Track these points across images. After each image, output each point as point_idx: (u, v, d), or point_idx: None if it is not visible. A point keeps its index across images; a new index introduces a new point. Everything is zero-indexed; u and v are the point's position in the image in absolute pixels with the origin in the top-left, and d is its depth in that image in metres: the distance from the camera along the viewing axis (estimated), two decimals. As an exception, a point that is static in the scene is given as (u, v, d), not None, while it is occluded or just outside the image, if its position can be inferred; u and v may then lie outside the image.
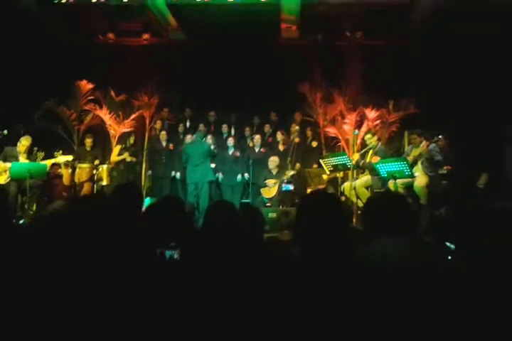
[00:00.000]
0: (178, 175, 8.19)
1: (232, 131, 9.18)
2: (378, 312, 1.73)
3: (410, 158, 6.47)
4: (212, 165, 8.17)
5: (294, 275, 1.84)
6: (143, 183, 8.75)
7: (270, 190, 7.81)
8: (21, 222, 6.09)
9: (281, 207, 7.34)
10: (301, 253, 2.02)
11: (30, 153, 7.09)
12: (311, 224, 1.96)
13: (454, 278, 2.04)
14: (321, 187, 7.67)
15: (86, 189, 7.75)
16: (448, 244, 3.61)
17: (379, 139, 7.36)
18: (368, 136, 7.13)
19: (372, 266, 1.94)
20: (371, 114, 8.14)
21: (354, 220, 6.46)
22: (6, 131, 6.82)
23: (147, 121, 9.07)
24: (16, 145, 6.91)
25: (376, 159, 6.62)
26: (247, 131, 9.00)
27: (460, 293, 1.92)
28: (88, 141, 8.21)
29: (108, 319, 1.92)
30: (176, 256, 2.49)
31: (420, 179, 6.31)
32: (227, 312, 1.83)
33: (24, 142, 6.87)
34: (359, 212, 6.43)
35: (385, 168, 6.15)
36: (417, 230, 2.49)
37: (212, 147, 7.85)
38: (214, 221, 2.50)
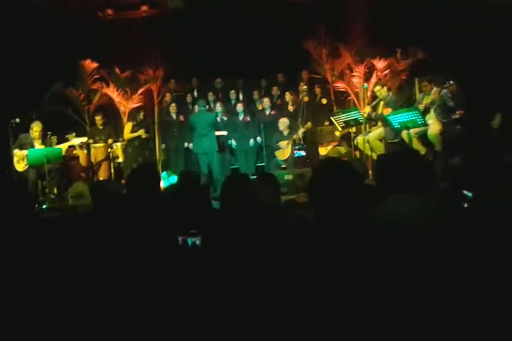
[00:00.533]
0: (191, 145, 8.23)
1: (241, 96, 9.10)
2: (393, 274, 1.74)
3: (422, 106, 6.36)
4: (224, 133, 8.17)
5: (309, 243, 1.85)
6: (157, 157, 8.82)
7: (284, 151, 7.80)
8: (44, 206, 6.27)
9: (296, 168, 7.34)
10: (315, 218, 2.02)
11: (44, 138, 7.16)
12: (324, 192, 1.96)
13: (470, 237, 2.03)
14: (334, 144, 7.63)
15: (103, 168, 7.87)
16: (465, 192, 3.57)
17: (389, 90, 7.22)
18: (377, 87, 7.03)
19: (386, 226, 1.93)
20: (379, 64, 7.96)
21: (370, 173, 6.44)
22: (18, 119, 6.89)
23: (155, 95, 9.06)
24: (29, 132, 7.00)
25: (388, 111, 6.53)
26: (256, 94, 8.91)
27: (476, 253, 1.91)
28: (98, 119, 8.21)
29: (136, 309, 1.97)
30: (198, 243, 2.51)
31: (434, 126, 6.23)
32: (251, 296, 1.86)
33: (36, 128, 6.94)
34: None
35: (397, 118, 6.07)
36: (432, 185, 2.45)
37: (219, 116, 7.82)
38: (230, 200, 2.49)
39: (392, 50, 7.97)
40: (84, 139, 7.59)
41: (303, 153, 7.67)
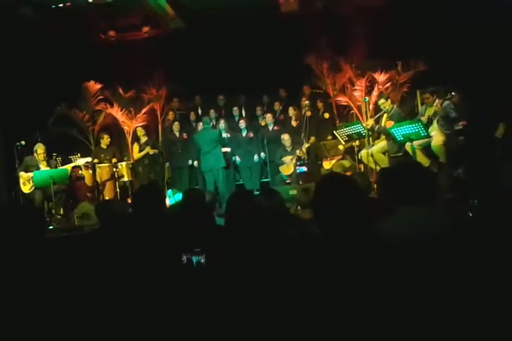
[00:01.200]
0: (195, 163, 8.26)
1: (243, 113, 9.16)
2: (401, 289, 1.73)
3: (425, 118, 6.37)
4: (228, 149, 8.20)
5: (315, 259, 1.85)
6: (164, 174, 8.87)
7: (288, 166, 7.81)
8: (50, 227, 6.28)
9: (300, 183, 7.33)
10: (320, 233, 2.02)
11: (49, 160, 7.21)
12: (328, 207, 1.96)
13: (477, 249, 2.01)
14: (338, 158, 7.63)
15: (109, 187, 7.90)
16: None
17: (393, 102, 7.23)
18: (382, 100, 7.04)
19: (392, 239, 1.92)
20: (381, 77, 7.99)
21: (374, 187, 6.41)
22: (23, 142, 6.96)
23: (158, 114, 9.15)
24: (33, 154, 7.05)
25: (390, 124, 6.53)
26: (258, 110, 8.98)
27: (484, 264, 1.90)
28: (105, 138, 8.28)
29: (141, 327, 1.96)
30: (202, 261, 2.50)
31: (437, 138, 6.23)
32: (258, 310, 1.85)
33: (39, 150, 6.99)
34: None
35: (400, 131, 6.08)
36: (437, 196, 2.43)
37: (223, 133, 7.89)
38: (235, 217, 2.50)
39: (393, 63, 8.01)
40: (89, 159, 7.65)
41: (304, 168, 7.69)
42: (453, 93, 6.28)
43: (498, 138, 6.27)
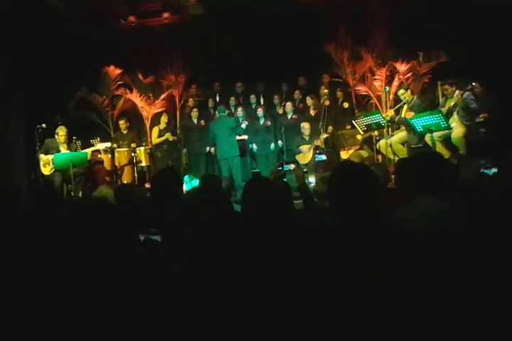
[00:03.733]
0: (212, 150, 8.30)
1: (262, 101, 9.15)
2: (418, 278, 1.73)
3: (445, 109, 6.31)
4: (245, 137, 8.21)
5: (332, 246, 1.86)
6: (181, 160, 8.93)
7: (305, 155, 7.81)
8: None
9: (320, 171, 7.33)
10: (337, 222, 2.03)
11: (69, 143, 7.31)
12: (343, 196, 1.97)
13: (494, 239, 2.01)
14: (356, 147, 7.60)
15: (127, 172, 8.00)
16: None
17: (413, 93, 7.16)
18: (401, 91, 6.96)
19: (409, 229, 1.93)
20: (401, 67, 7.90)
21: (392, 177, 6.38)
22: (44, 125, 7.05)
23: (177, 100, 9.18)
24: (54, 137, 7.14)
25: (410, 114, 6.48)
26: (276, 99, 8.94)
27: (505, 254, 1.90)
28: (122, 123, 8.42)
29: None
30: (158, 239, 2.55)
31: (457, 129, 6.18)
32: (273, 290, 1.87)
33: (61, 133, 7.08)
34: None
35: (420, 122, 6.03)
36: (454, 188, 2.43)
37: (240, 120, 7.90)
38: (251, 203, 2.51)
39: (415, 53, 7.90)
40: (108, 144, 7.72)
41: (324, 157, 7.67)
42: (474, 83, 6.20)
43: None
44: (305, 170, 7.68)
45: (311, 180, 6.67)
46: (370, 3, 8.66)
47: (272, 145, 8.43)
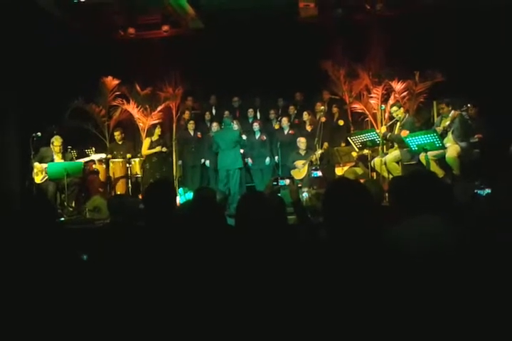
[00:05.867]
0: (207, 162, 8.30)
1: (258, 115, 9.19)
2: (408, 295, 1.73)
3: (440, 129, 6.35)
4: (241, 151, 8.23)
5: (323, 261, 1.87)
6: (174, 173, 8.89)
7: (300, 171, 7.83)
8: (62, 219, 6.34)
9: (314, 187, 7.33)
10: (328, 237, 2.03)
11: (64, 152, 7.28)
12: (336, 212, 1.98)
13: (486, 260, 2.02)
14: (351, 164, 7.63)
15: (121, 183, 7.96)
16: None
17: (406, 111, 7.21)
18: (394, 108, 7.00)
19: (402, 247, 1.93)
20: (397, 86, 7.98)
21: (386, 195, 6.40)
22: (39, 133, 7.04)
23: (174, 112, 9.20)
24: (49, 145, 7.12)
25: (406, 133, 6.51)
26: (272, 113, 9.01)
27: (498, 274, 1.91)
28: (117, 134, 8.41)
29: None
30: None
31: (452, 149, 6.20)
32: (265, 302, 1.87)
33: (56, 142, 7.07)
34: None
35: (415, 141, 6.06)
36: (449, 206, 2.44)
37: (241, 134, 7.95)
38: (245, 217, 2.50)
39: (411, 72, 7.99)
40: (103, 155, 7.71)
41: (319, 173, 7.68)
42: (469, 105, 6.26)
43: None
44: (299, 185, 7.69)
45: (305, 195, 6.69)
46: (367, 21, 8.78)
47: (267, 160, 8.45)
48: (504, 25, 7.53)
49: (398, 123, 6.87)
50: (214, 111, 9.39)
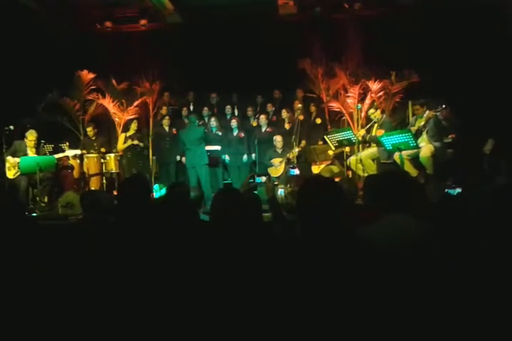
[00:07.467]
0: (183, 159, 8.24)
1: (236, 112, 9.16)
2: (381, 294, 1.75)
3: (414, 129, 6.44)
4: (218, 148, 8.17)
5: (297, 258, 1.87)
6: (151, 169, 8.81)
7: (277, 169, 7.84)
8: (34, 214, 6.22)
9: (291, 185, 7.35)
10: (302, 235, 2.04)
11: (38, 147, 7.15)
12: (309, 209, 1.99)
13: (456, 257, 2.05)
14: (327, 163, 7.67)
15: (95, 178, 7.85)
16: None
17: (383, 112, 7.29)
18: (371, 110, 7.11)
19: (374, 245, 1.95)
20: (374, 85, 8.04)
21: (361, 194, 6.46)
22: (12, 127, 6.89)
23: (150, 107, 9.09)
24: (23, 139, 6.98)
25: (381, 132, 6.60)
26: (250, 110, 8.97)
27: (469, 271, 1.94)
28: (89, 130, 8.28)
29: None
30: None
31: (425, 149, 6.29)
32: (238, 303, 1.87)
33: (30, 137, 6.93)
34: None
35: (390, 140, 6.13)
36: (420, 206, 2.47)
37: (214, 131, 7.90)
38: (220, 214, 2.49)
39: (387, 72, 8.08)
40: (78, 151, 7.58)
41: (296, 171, 7.70)
42: (443, 106, 6.36)
43: (486, 154, 6.35)
44: (276, 183, 7.71)
45: (281, 193, 6.70)
46: (345, 21, 8.85)
47: (245, 157, 8.44)
48: (480, 25, 7.66)
49: (376, 125, 6.94)
50: (192, 107, 9.31)
